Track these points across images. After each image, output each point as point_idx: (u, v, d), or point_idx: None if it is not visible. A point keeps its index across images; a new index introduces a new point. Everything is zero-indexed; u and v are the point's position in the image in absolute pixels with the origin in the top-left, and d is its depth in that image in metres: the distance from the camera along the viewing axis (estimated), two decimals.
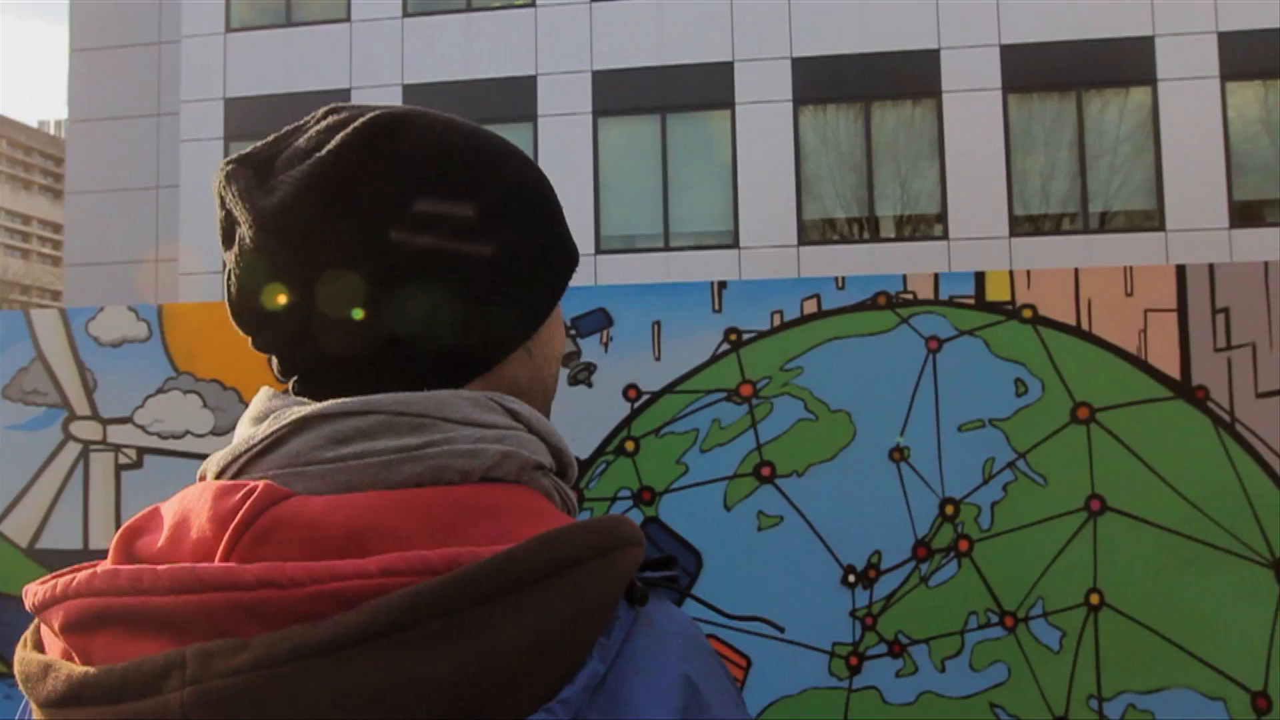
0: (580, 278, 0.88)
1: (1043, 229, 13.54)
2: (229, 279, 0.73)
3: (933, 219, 13.71)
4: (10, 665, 2.07)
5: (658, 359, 1.86)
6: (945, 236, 13.47)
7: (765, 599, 1.82)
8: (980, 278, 1.83)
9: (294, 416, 0.68)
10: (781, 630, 1.79)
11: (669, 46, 14.15)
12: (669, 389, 1.87)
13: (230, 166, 0.73)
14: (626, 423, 1.87)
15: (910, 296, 1.83)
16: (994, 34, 13.54)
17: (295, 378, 0.76)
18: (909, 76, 13.72)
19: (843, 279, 1.85)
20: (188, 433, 2.04)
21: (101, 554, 2.04)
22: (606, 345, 1.87)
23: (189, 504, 0.66)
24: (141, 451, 2.05)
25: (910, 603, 1.79)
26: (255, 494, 0.63)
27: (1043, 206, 13.57)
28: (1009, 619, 1.77)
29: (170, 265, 16.06)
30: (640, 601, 0.66)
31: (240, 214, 0.70)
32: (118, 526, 2.06)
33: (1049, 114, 13.62)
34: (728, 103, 14.02)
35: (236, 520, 0.62)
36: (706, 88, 14.05)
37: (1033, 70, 13.46)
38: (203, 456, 2.02)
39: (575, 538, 0.62)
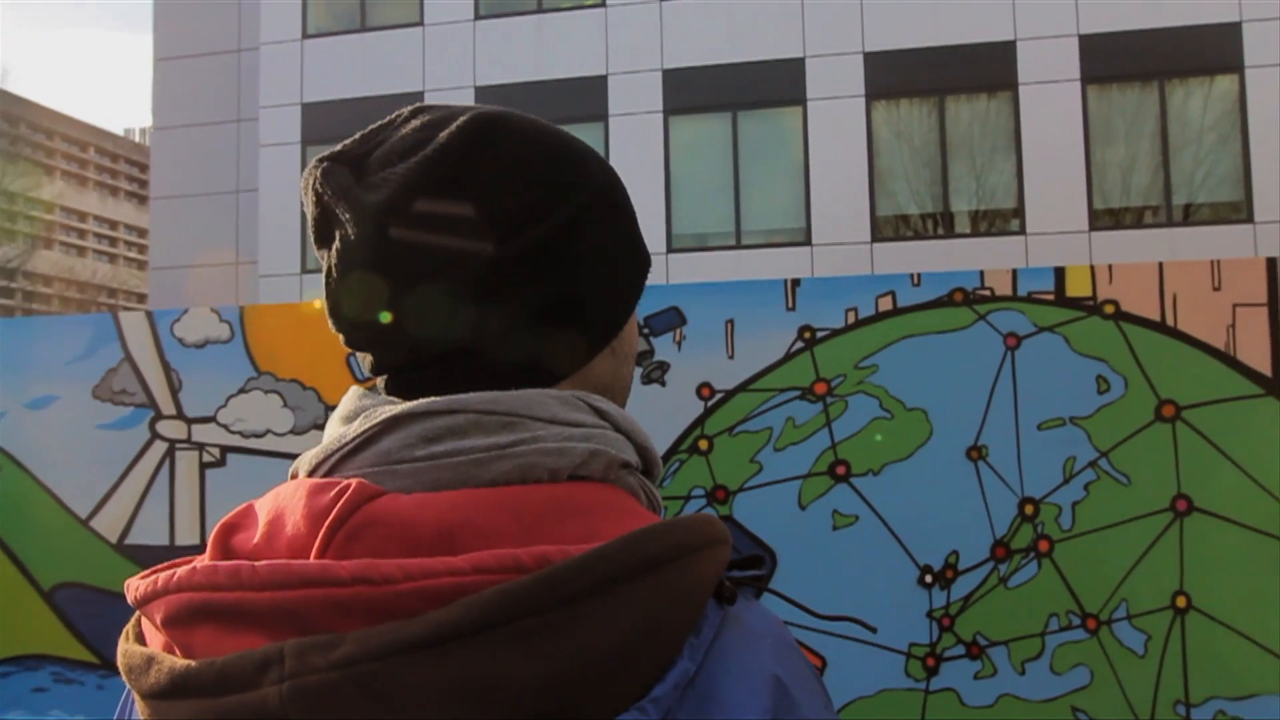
0: (652, 276, 0.88)
1: (1124, 222, 13.24)
2: (328, 276, 0.74)
3: (1009, 214, 13.47)
4: (103, 657, 2.13)
5: (731, 357, 1.86)
6: (1022, 231, 13.24)
7: (841, 599, 1.80)
8: (1060, 273, 1.80)
9: (385, 415, 0.69)
10: (874, 631, 1.77)
11: (739, 44, 14.09)
12: (742, 387, 1.86)
13: (325, 164, 0.73)
14: (700, 421, 1.87)
15: (988, 293, 1.80)
16: (1072, 23, 13.27)
17: (386, 376, 0.76)
18: (984, 69, 13.50)
19: (918, 275, 1.83)
20: (269, 431, 2.08)
21: (187, 550, 2.10)
22: (680, 344, 1.87)
23: (283, 501, 0.68)
24: (224, 450, 2.10)
25: (989, 604, 1.77)
26: (348, 492, 0.64)
27: (1124, 199, 13.26)
28: (1091, 621, 1.74)
29: (250, 268, 16.43)
30: (729, 600, 0.66)
31: (341, 211, 0.71)
32: (202, 523, 2.12)
33: (1130, 104, 13.30)
34: (799, 99, 13.93)
35: (330, 518, 0.63)
36: (778, 84, 13.97)
37: (1113, 60, 13.16)
38: (283, 455, 2.07)
39: (664, 536, 0.62)
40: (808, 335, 1.85)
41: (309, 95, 15.52)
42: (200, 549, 0.71)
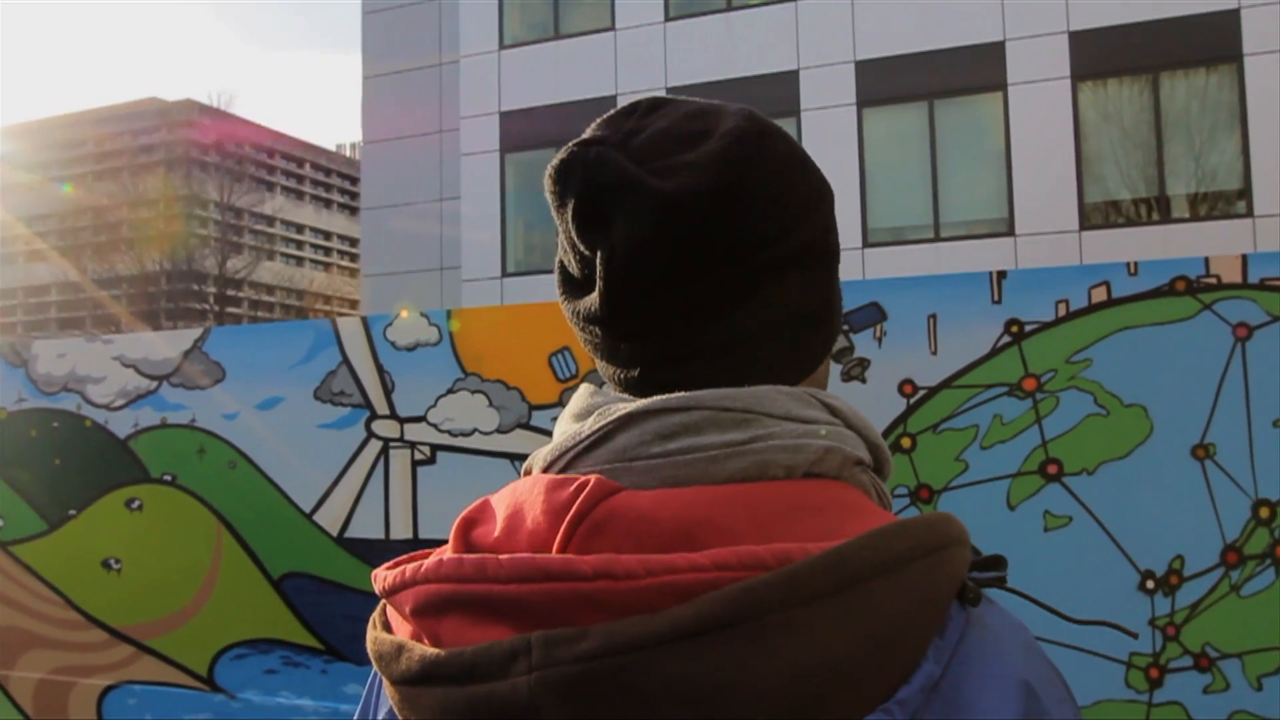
0: (848, 272, 0.88)
1: None
2: (608, 263, 0.70)
3: (1233, 195, 12.61)
4: (326, 643, 2.26)
5: (934, 353, 1.81)
6: (1249, 214, 12.36)
7: (1054, 604, 1.73)
8: None
9: (620, 413, 0.70)
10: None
11: (934, 30, 13.72)
12: (946, 384, 1.81)
13: (596, 149, 0.71)
14: (903, 419, 1.83)
15: (1213, 280, 1.69)
16: None
17: (639, 369, 0.74)
18: (1203, 41, 12.67)
19: (1135, 264, 1.73)
20: (475, 430, 2.16)
21: (403, 544, 2.20)
22: (880, 340, 1.84)
23: (521, 496, 0.69)
24: (435, 448, 2.19)
25: (1219, 613, 1.66)
26: (588, 488, 0.65)
27: None
28: None
29: (453, 273, 17.10)
30: (973, 602, 0.64)
31: (629, 196, 0.69)
32: (415, 519, 2.22)
33: None
34: (999, 84, 13.44)
35: (571, 513, 0.64)
36: (976, 70, 13.53)
37: None
38: (489, 453, 2.14)
39: (905, 535, 0.61)
40: (1015, 329, 1.78)
41: (506, 104, 16.03)
42: (413, 544, 0.73)
